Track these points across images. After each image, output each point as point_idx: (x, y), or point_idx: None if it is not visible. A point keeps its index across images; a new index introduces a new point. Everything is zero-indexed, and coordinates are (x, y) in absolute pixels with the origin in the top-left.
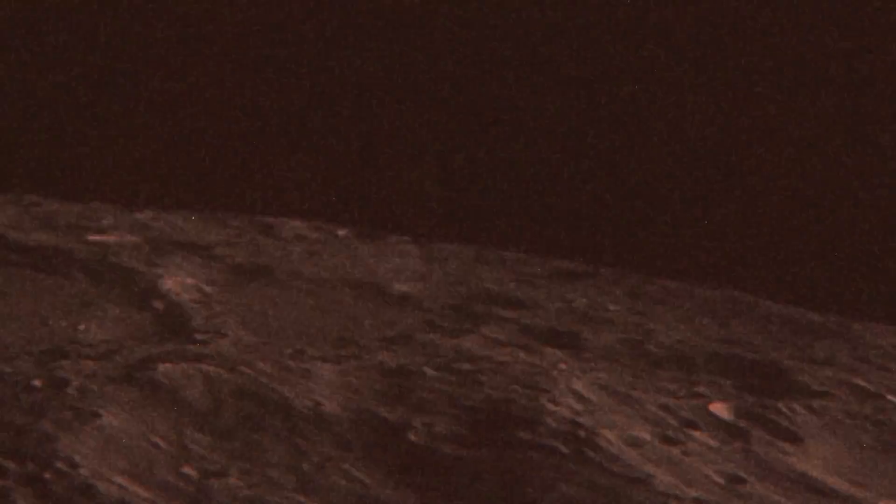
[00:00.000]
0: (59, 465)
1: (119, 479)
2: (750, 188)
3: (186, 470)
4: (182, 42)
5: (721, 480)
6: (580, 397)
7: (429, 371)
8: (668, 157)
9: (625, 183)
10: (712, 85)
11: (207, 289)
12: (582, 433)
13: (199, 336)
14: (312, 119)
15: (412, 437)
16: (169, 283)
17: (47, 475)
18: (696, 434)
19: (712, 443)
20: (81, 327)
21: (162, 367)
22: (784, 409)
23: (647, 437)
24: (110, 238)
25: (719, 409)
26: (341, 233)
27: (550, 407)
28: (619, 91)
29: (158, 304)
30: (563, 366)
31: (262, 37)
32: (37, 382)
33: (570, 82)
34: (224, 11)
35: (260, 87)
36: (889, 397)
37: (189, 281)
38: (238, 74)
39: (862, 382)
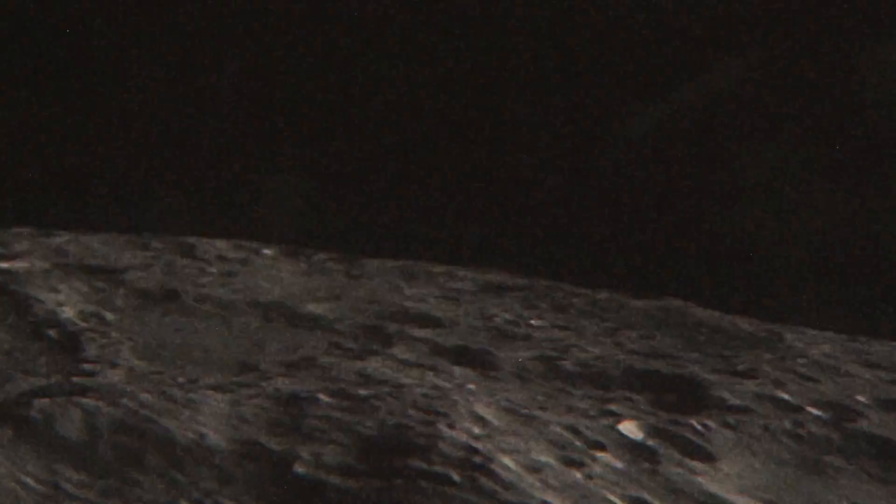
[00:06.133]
0: None
1: None
2: (690, 195)
3: None
4: (99, 67)
5: None
6: (481, 421)
7: (323, 397)
8: (606, 168)
9: (556, 193)
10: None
11: (108, 316)
12: (478, 459)
13: (87, 367)
14: (246, 134)
15: (298, 469)
16: (67, 311)
17: None
18: (602, 456)
19: (618, 464)
20: None
21: (38, 402)
22: (697, 426)
23: (549, 460)
24: (18, 265)
25: (629, 428)
26: (267, 252)
27: (447, 432)
28: (542, 99)
29: (53, 334)
30: (470, 387)
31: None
32: None
33: (504, 93)
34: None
35: (194, 102)
36: (810, 410)
37: (90, 308)
38: (169, 93)
39: (784, 395)
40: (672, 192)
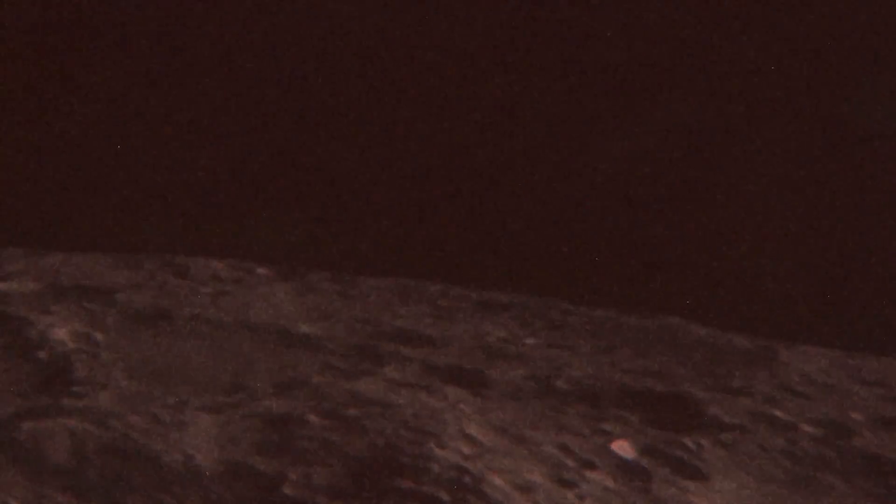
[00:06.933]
0: None
1: None
2: (688, 211)
3: None
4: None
5: None
6: (472, 440)
7: (313, 418)
8: (600, 183)
9: (552, 210)
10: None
11: (99, 336)
12: (468, 480)
13: (77, 388)
14: (244, 155)
15: (287, 490)
16: (58, 332)
17: None
18: (594, 475)
19: (610, 483)
20: None
21: (26, 424)
22: (690, 445)
23: (540, 480)
24: (8, 285)
25: (622, 446)
26: (260, 271)
27: (437, 452)
28: (543, 113)
29: (43, 355)
30: (462, 406)
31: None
32: None
33: (496, 109)
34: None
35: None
36: (804, 427)
37: (81, 329)
38: (167, 115)
39: (778, 413)
40: (668, 210)
